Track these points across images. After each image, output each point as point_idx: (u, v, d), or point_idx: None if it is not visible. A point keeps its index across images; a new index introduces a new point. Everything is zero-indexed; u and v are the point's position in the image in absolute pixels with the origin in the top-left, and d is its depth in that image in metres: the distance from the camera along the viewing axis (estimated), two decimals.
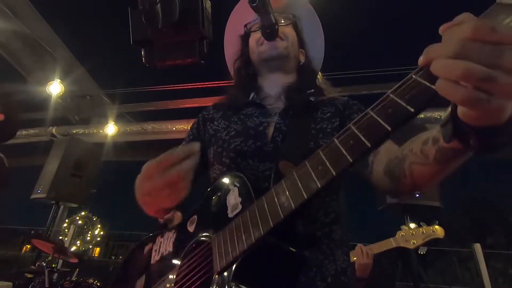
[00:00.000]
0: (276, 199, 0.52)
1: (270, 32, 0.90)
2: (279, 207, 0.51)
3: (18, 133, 4.87)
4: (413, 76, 0.43)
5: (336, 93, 1.01)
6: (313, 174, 0.49)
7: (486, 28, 0.33)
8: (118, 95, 4.69)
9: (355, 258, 2.04)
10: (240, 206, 0.62)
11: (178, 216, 1.01)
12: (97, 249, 22.20)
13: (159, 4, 0.60)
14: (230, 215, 0.63)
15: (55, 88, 4.00)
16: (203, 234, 0.68)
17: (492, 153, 0.44)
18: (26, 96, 4.49)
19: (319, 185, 0.47)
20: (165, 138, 4.71)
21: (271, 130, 0.85)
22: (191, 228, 0.73)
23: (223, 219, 0.63)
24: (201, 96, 4.43)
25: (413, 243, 1.99)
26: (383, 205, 2.90)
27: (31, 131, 4.77)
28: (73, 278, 2.66)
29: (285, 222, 0.50)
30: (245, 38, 1.05)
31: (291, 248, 0.58)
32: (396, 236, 2.04)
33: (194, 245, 0.69)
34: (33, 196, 3.95)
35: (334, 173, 0.47)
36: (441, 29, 0.39)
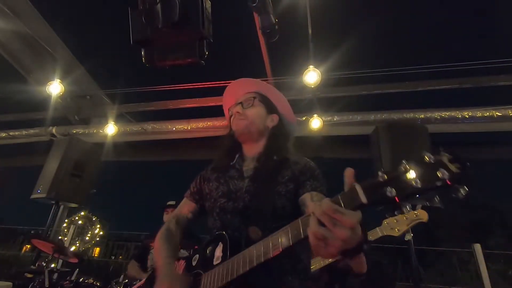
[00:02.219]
0: (242, 260, 0.90)
1: (270, 32, 0.90)
2: (241, 264, 0.90)
3: (18, 133, 4.88)
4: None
5: (297, 156, 1.26)
6: (271, 244, 0.83)
7: (331, 209, 0.61)
8: (118, 95, 4.68)
9: None
10: (220, 259, 1.01)
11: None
12: (97, 249, 22.15)
13: (159, 4, 0.59)
14: (215, 262, 1.02)
15: (55, 88, 3.99)
16: (198, 271, 1.09)
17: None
18: (26, 96, 4.49)
19: (271, 255, 0.83)
20: (165, 138, 4.71)
21: (243, 192, 1.18)
22: (194, 263, 1.15)
23: (210, 264, 1.04)
24: (201, 96, 4.42)
25: (398, 230, 2.00)
26: (381, 207, 2.89)
27: (31, 131, 4.77)
28: (73, 278, 2.66)
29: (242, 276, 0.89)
30: (230, 120, 1.36)
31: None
32: (382, 225, 2.04)
33: (192, 275, 1.10)
34: (33, 196, 3.95)
35: (303, 236, 0.75)
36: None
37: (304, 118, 3.92)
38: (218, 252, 1.02)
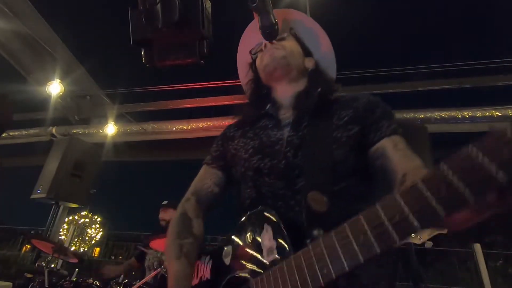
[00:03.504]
0: (315, 264, 0.52)
1: (270, 32, 0.90)
2: (319, 274, 0.51)
3: (18, 133, 4.88)
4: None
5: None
6: (355, 245, 0.47)
7: None
8: (118, 95, 4.69)
9: None
10: (275, 252, 0.63)
11: None
12: (97, 249, 22.17)
13: (159, 4, 0.59)
14: (266, 259, 0.65)
15: (55, 88, 3.99)
16: (239, 272, 0.71)
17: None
18: (26, 96, 4.49)
19: (362, 260, 0.46)
20: (165, 138, 4.70)
21: (284, 145, 0.84)
22: (226, 260, 0.75)
23: (259, 261, 0.66)
24: (201, 96, 4.43)
25: (419, 238, 2.02)
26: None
27: (31, 131, 4.77)
28: (73, 278, 2.66)
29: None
30: (253, 64, 1.07)
31: None
32: None
33: (232, 280, 0.72)
34: (33, 196, 3.94)
35: (378, 251, 0.44)
36: None
37: None
38: (266, 239, 0.66)
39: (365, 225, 0.47)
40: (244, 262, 0.69)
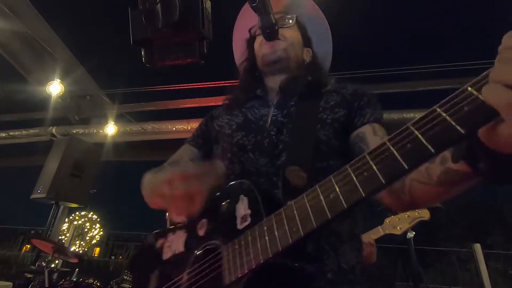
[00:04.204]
0: (285, 222, 0.53)
1: (270, 33, 0.90)
2: (288, 232, 0.52)
3: (18, 133, 4.88)
4: (469, 88, 0.39)
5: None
6: (324, 202, 0.49)
7: None
8: (118, 95, 4.69)
9: None
10: (249, 219, 0.63)
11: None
12: (97, 249, 22.18)
13: (159, 4, 0.59)
14: (239, 226, 0.64)
15: (55, 88, 3.99)
16: (212, 241, 0.69)
17: (499, 183, 0.42)
18: (26, 96, 4.49)
19: (330, 216, 0.47)
20: (165, 138, 4.71)
21: (268, 122, 0.85)
22: (201, 232, 0.73)
23: (232, 229, 0.65)
24: (201, 96, 4.43)
25: (400, 228, 2.00)
26: (382, 205, 2.90)
27: (31, 131, 4.77)
28: (73, 278, 2.66)
29: (293, 246, 0.52)
30: (250, 42, 1.06)
31: (297, 265, 0.59)
32: (383, 224, 2.04)
33: (203, 251, 0.71)
34: (33, 196, 3.95)
35: (345, 206, 0.46)
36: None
37: None
38: (242, 209, 0.65)
39: (334, 183, 0.49)
40: (218, 232, 0.69)
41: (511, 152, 0.37)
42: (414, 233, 2.20)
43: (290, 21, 1.00)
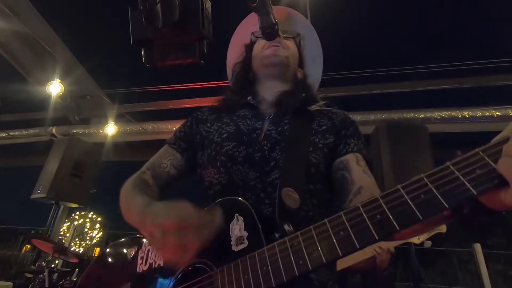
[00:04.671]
0: (291, 255, 0.52)
1: (270, 32, 0.90)
2: (294, 264, 0.51)
3: (18, 133, 4.88)
4: (480, 152, 0.43)
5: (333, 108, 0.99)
6: (335, 241, 0.49)
7: None
8: (118, 95, 4.69)
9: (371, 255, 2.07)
10: (246, 242, 0.60)
11: None
12: (97, 249, 22.18)
13: (159, 4, 0.59)
14: (235, 248, 0.60)
15: (55, 88, 4.00)
16: (202, 260, 0.64)
17: (469, 226, 0.48)
18: (26, 96, 4.49)
19: (340, 254, 0.48)
20: (165, 138, 4.69)
21: (262, 136, 0.83)
22: None
23: (226, 250, 0.61)
24: (201, 96, 4.43)
25: (419, 238, 2.01)
26: None
27: (31, 131, 4.77)
28: (73, 278, 2.66)
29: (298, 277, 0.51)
30: (249, 45, 1.06)
31: None
32: None
33: (190, 269, 0.65)
34: (33, 196, 3.94)
35: (358, 247, 0.48)
36: None
37: None
38: (237, 229, 0.61)
39: (346, 221, 0.50)
40: (208, 249, 0.60)
41: (502, 211, 0.42)
42: (431, 242, 2.23)
43: (293, 34, 1.04)
